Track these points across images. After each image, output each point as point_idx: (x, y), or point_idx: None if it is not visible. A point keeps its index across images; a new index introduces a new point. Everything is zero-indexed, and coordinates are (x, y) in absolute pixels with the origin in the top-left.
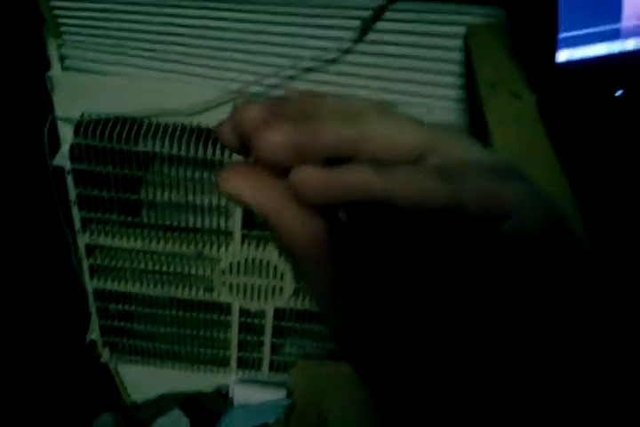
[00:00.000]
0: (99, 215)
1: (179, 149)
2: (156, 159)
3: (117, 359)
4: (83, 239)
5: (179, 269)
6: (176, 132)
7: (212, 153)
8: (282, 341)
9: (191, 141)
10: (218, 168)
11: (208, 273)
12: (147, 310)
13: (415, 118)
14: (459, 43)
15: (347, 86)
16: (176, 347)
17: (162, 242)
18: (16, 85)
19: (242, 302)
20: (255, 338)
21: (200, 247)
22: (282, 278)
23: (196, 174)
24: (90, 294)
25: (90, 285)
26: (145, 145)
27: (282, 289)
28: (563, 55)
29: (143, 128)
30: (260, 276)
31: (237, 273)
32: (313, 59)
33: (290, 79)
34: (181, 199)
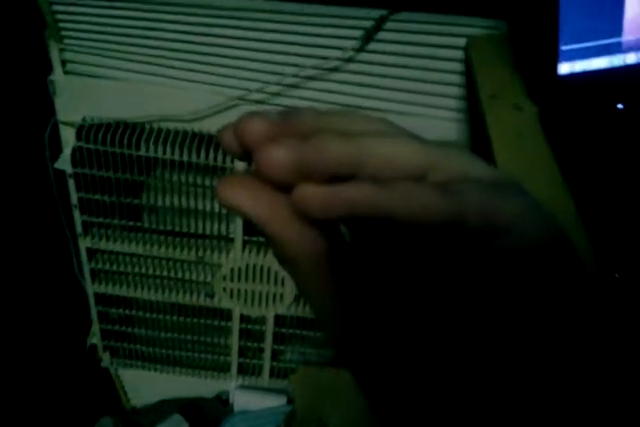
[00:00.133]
0: (100, 219)
1: (180, 155)
2: (157, 164)
3: (118, 364)
4: (84, 243)
5: (179, 275)
6: (178, 138)
7: (214, 159)
8: (282, 347)
9: (193, 147)
10: (219, 174)
11: (209, 279)
12: (147, 314)
13: (416, 135)
14: (459, 54)
15: (348, 95)
16: (177, 352)
17: (163, 247)
18: (18, 89)
19: (242, 308)
20: (256, 344)
21: (201, 253)
22: (282, 285)
23: (198, 180)
24: (91, 298)
25: (91, 289)
26: (147, 150)
27: (282, 296)
28: (564, 68)
29: (145, 133)
30: (261, 282)
31: (238, 279)
32: (315, 67)
33: (292, 87)
34: (183, 205)
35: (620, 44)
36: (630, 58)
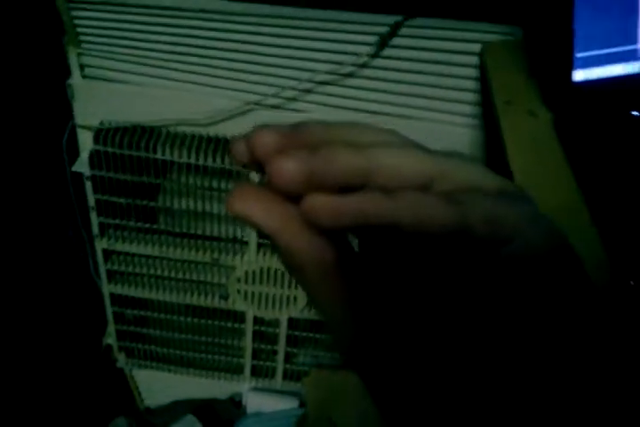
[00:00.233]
0: (117, 221)
1: (196, 158)
2: (173, 167)
3: (133, 364)
4: (100, 244)
5: (194, 277)
6: (194, 142)
7: (229, 163)
8: (295, 350)
9: (208, 151)
10: (234, 178)
11: (223, 281)
12: (162, 315)
13: (423, 146)
14: (474, 59)
15: (363, 100)
16: (191, 353)
17: (178, 249)
18: (37, 93)
19: (256, 310)
20: (269, 347)
21: (216, 255)
22: (296, 288)
23: (213, 183)
24: (106, 299)
25: (107, 289)
26: (163, 153)
27: (296, 299)
28: (579, 75)
29: (161, 137)
30: (275, 285)
31: (252, 282)
32: (330, 72)
33: (307, 92)
34: (198, 207)
35: (636, 51)
36: None
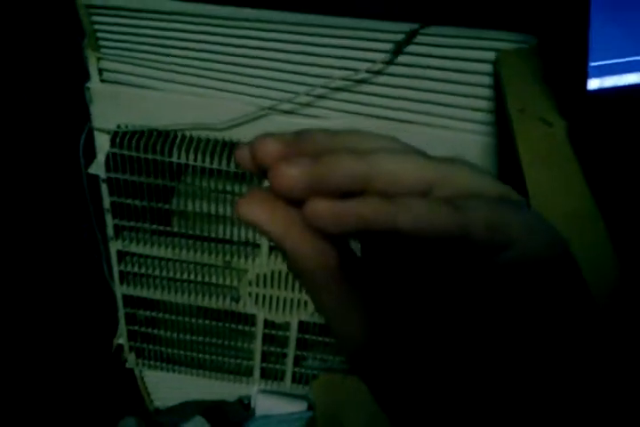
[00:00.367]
0: (131, 223)
1: (210, 162)
2: (188, 171)
3: (143, 365)
4: (115, 246)
5: (206, 279)
6: (209, 146)
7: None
8: (305, 353)
9: (223, 155)
10: (248, 182)
11: (235, 284)
12: (174, 317)
13: (423, 152)
14: (489, 67)
15: (377, 106)
16: (201, 355)
17: (191, 251)
18: (56, 96)
19: (267, 313)
20: (279, 350)
21: (228, 258)
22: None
23: (227, 187)
24: (119, 300)
25: (119, 290)
26: (178, 157)
27: (307, 302)
28: (593, 83)
29: (177, 140)
30: (286, 288)
31: (264, 285)
32: (345, 79)
33: (321, 98)
34: (212, 210)
35: None
36: None
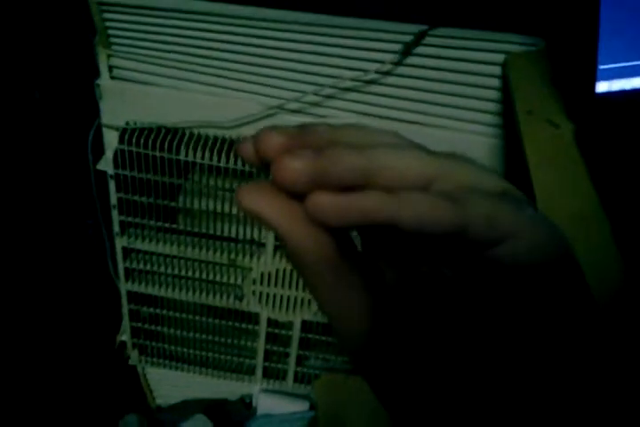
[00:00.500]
0: (137, 220)
1: (218, 160)
2: (195, 168)
3: (146, 362)
4: (120, 242)
5: (211, 277)
6: (216, 144)
7: (250, 165)
8: (308, 353)
9: (230, 153)
10: (254, 179)
11: (239, 282)
12: (177, 314)
13: (425, 147)
14: (497, 70)
15: (385, 107)
16: (203, 353)
17: (196, 249)
18: (66, 92)
19: (270, 312)
20: (281, 349)
21: (233, 256)
22: None
23: (234, 185)
24: (123, 297)
25: (124, 287)
26: (186, 154)
27: (310, 301)
28: (602, 86)
29: (185, 138)
30: (290, 287)
31: (268, 283)
32: (353, 79)
33: (329, 98)
34: (218, 209)
35: None
36: None
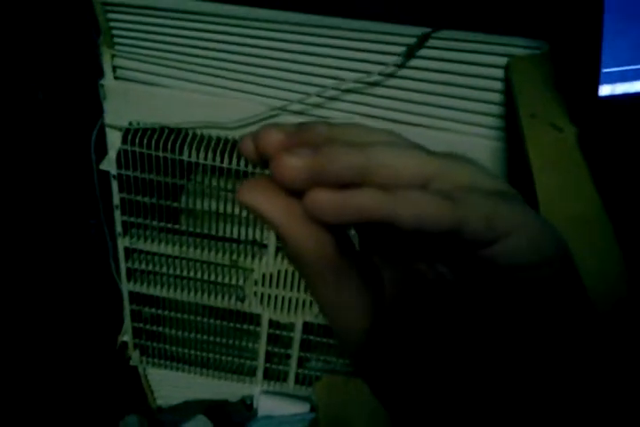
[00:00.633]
0: (140, 220)
1: (221, 161)
2: (198, 169)
3: (147, 362)
4: (123, 242)
5: (213, 278)
6: (219, 145)
7: (253, 166)
8: (309, 354)
9: (233, 154)
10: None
11: (241, 283)
12: (179, 315)
13: (422, 146)
14: (500, 72)
15: (388, 109)
16: (205, 354)
17: (198, 250)
18: (70, 92)
19: (272, 313)
20: (283, 350)
21: (235, 257)
22: None
23: (236, 186)
24: (125, 297)
25: (126, 287)
26: (189, 155)
27: (312, 303)
28: (605, 90)
29: (188, 139)
30: (292, 289)
31: (269, 285)
32: (356, 81)
33: (332, 99)
34: (220, 209)
35: None
36: None
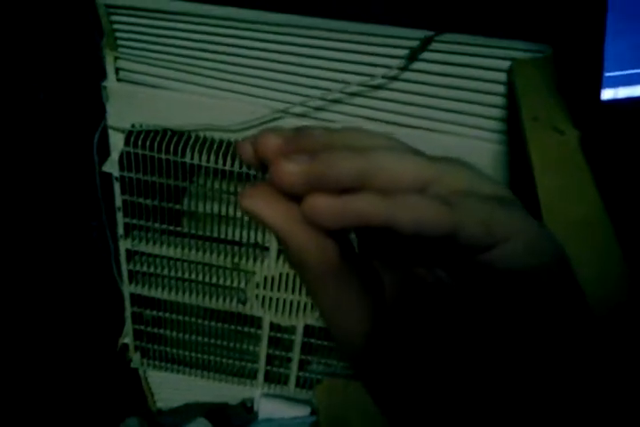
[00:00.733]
0: (142, 222)
1: (223, 163)
2: (200, 171)
3: (147, 365)
4: (124, 244)
5: (214, 280)
6: (222, 147)
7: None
8: (310, 358)
9: (235, 156)
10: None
11: (242, 286)
12: (180, 317)
13: (420, 151)
14: (503, 76)
15: (391, 112)
16: (205, 356)
17: (200, 252)
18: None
19: (273, 316)
20: (284, 353)
21: (237, 260)
22: None
23: (239, 188)
24: (126, 299)
25: (127, 289)
26: (191, 157)
27: (313, 306)
28: (607, 93)
29: (190, 141)
30: (293, 292)
31: (271, 287)
32: (360, 84)
33: (335, 102)
34: (222, 212)
35: None
36: None
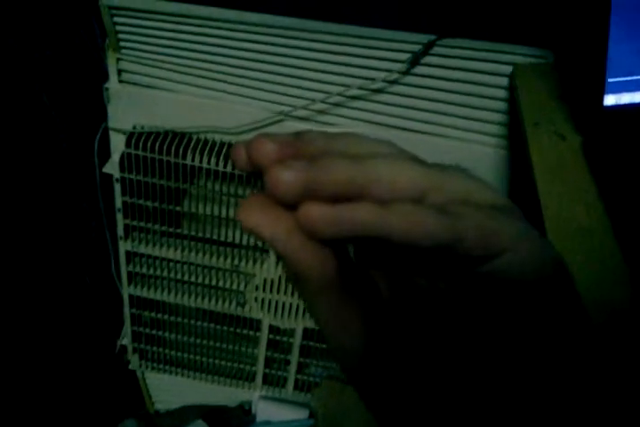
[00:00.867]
0: (142, 224)
1: (224, 166)
2: (201, 173)
3: (146, 367)
4: (124, 246)
5: (213, 282)
6: (222, 149)
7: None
8: (308, 360)
9: None
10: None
11: (242, 288)
12: (179, 319)
13: (419, 158)
14: (505, 81)
15: (392, 116)
16: (204, 359)
17: (200, 254)
18: (74, 95)
19: (272, 319)
20: (282, 356)
21: (236, 262)
22: None
23: (239, 190)
24: (125, 301)
25: (126, 291)
26: (192, 159)
27: None
28: (610, 99)
29: (191, 143)
30: (293, 295)
31: (270, 290)
32: (361, 87)
33: (337, 106)
34: (222, 214)
35: None
36: None
